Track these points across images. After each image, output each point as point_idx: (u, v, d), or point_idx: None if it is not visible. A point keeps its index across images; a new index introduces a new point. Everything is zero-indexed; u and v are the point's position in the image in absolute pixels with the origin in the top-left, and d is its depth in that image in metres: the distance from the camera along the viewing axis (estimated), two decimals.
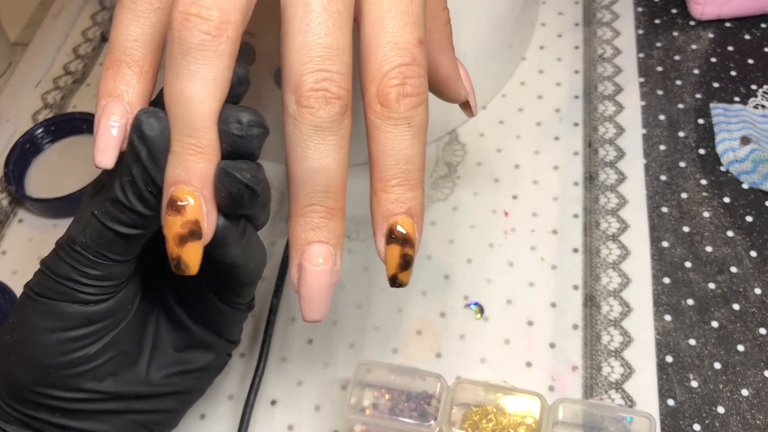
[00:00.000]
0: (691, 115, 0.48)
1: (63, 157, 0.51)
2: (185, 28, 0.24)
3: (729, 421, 0.36)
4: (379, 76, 0.25)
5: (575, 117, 0.49)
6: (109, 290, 0.28)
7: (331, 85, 0.24)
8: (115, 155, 0.26)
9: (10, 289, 0.44)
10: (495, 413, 0.36)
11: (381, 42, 0.25)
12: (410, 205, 0.26)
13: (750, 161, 0.44)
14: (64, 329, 0.28)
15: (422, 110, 0.26)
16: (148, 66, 0.27)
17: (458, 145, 0.49)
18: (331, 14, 0.24)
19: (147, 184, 0.25)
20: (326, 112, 0.24)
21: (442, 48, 0.32)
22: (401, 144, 0.26)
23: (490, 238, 0.44)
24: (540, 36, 0.54)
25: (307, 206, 0.25)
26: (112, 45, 0.26)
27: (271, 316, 0.40)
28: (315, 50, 0.24)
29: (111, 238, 0.27)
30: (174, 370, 0.31)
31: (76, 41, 0.60)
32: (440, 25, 0.31)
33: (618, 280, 0.41)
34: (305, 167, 0.25)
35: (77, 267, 0.27)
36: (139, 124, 0.25)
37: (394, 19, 0.25)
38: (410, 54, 0.25)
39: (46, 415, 0.29)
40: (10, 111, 0.56)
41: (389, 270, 0.27)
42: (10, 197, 0.50)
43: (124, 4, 0.26)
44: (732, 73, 0.49)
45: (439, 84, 0.33)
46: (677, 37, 0.52)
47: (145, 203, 0.26)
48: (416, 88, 0.25)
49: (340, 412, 0.36)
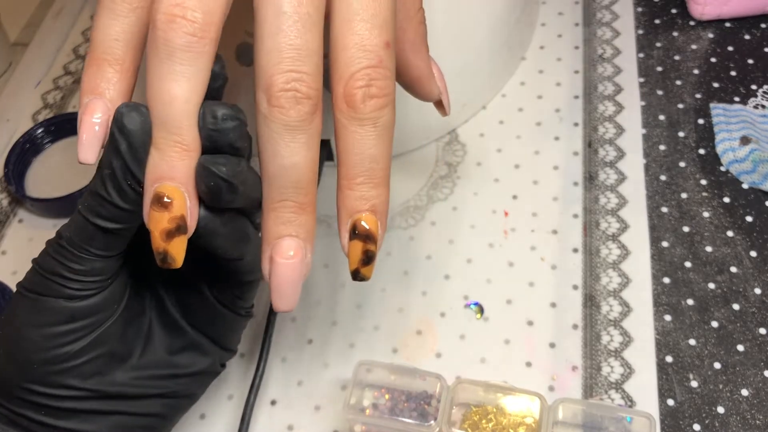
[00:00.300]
0: (691, 115, 0.48)
1: (63, 157, 0.51)
2: (171, 30, 0.24)
3: (729, 422, 0.36)
4: (345, 77, 0.26)
5: (575, 117, 0.49)
6: (93, 286, 0.28)
7: (301, 86, 0.25)
8: (98, 151, 0.27)
9: (10, 290, 0.44)
10: (495, 413, 0.36)
11: (348, 44, 0.26)
12: (374, 203, 0.27)
13: (750, 161, 0.44)
14: (48, 324, 0.28)
15: (388, 111, 0.27)
16: (129, 63, 0.27)
17: (458, 145, 0.49)
18: (301, 16, 0.25)
19: (126, 177, 0.26)
20: (296, 111, 0.25)
21: (415, 48, 0.32)
22: (366, 143, 0.26)
23: (490, 238, 0.44)
24: (540, 36, 0.54)
25: (279, 201, 0.26)
26: (93, 43, 0.27)
27: (271, 316, 0.40)
28: (285, 51, 0.25)
29: (92, 231, 0.27)
30: (163, 372, 0.31)
31: (76, 41, 0.60)
32: (414, 25, 0.32)
33: (618, 280, 0.41)
34: (276, 164, 0.25)
35: (62, 261, 0.28)
36: (120, 117, 0.25)
37: (362, 22, 0.26)
38: (377, 56, 0.26)
39: (32, 413, 0.29)
40: (10, 111, 0.56)
41: (351, 265, 0.28)
42: (10, 197, 0.50)
43: (104, 4, 0.27)
44: (732, 73, 0.49)
45: (412, 83, 0.33)
46: (677, 37, 0.52)
47: (124, 197, 0.26)
48: (382, 89, 0.26)
49: (340, 412, 0.36)
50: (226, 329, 0.33)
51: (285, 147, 0.25)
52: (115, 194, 0.26)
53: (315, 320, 0.42)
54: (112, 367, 0.30)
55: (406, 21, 0.31)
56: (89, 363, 0.29)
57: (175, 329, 0.32)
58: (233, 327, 0.33)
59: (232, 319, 0.32)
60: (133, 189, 0.26)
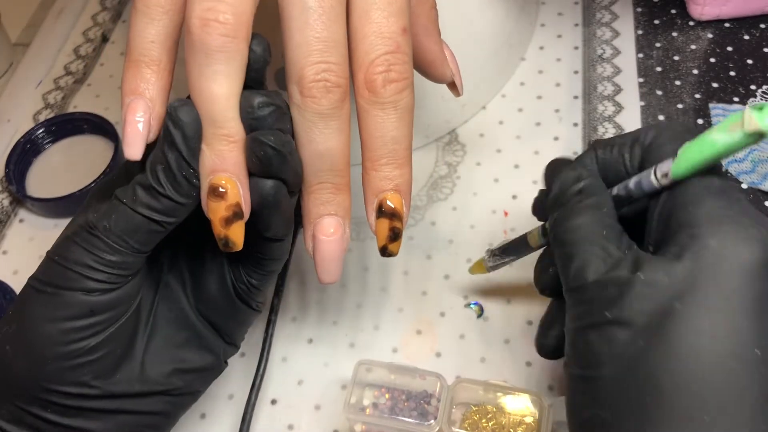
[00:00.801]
0: (691, 115, 0.48)
1: (64, 157, 0.51)
2: (205, 33, 0.26)
3: None
4: (366, 64, 0.27)
5: (575, 117, 0.49)
6: (117, 280, 0.29)
7: (331, 75, 0.27)
8: (143, 147, 0.28)
9: (11, 289, 0.45)
10: (495, 413, 0.36)
11: (367, 32, 0.28)
12: (398, 182, 0.29)
13: (749, 161, 0.45)
14: (65, 319, 0.28)
15: (407, 94, 0.28)
16: (165, 64, 0.29)
17: (458, 145, 0.49)
18: (325, 10, 0.27)
19: (182, 168, 0.27)
20: (328, 100, 0.27)
21: (428, 32, 0.34)
22: (388, 126, 0.28)
23: (490, 238, 0.44)
24: (539, 36, 0.54)
25: (317, 184, 0.28)
26: (130, 47, 0.28)
27: (272, 316, 0.40)
28: (314, 44, 0.27)
29: (138, 224, 0.28)
30: (169, 368, 0.32)
31: (76, 41, 0.60)
32: (426, 10, 0.34)
33: None
34: (312, 150, 0.28)
35: (92, 251, 0.28)
36: (174, 111, 0.27)
37: (379, 10, 0.28)
38: (394, 42, 0.28)
39: (39, 410, 0.29)
40: (11, 111, 0.56)
41: (379, 242, 0.30)
42: (11, 197, 0.50)
43: (137, 8, 0.28)
44: (731, 73, 0.49)
45: (426, 66, 0.35)
46: (676, 38, 0.52)
47: (179, 189, 0.28)
48: (401, 73, 0.28)
49: (341, 412, 0.36)
50: (236, 322, 0.34)
51: (319, 134, 0.27)
52: (170, 187, 0.28)
53: (315, 320, 0.42)
54: (122, 363, 0.30)
55: (418, 6, 0.33)
56: (101, 360, 0.29)
57: (182, 321, 0.33)
58: (243, 320, 0.34)
59: (244, 311, 0.33)
60: (188, 180, 0.28)
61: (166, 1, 0.28)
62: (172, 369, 0.32)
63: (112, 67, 0.58)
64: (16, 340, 0.29)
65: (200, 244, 0.33)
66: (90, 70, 0.58)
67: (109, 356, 0.29)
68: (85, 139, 0.52)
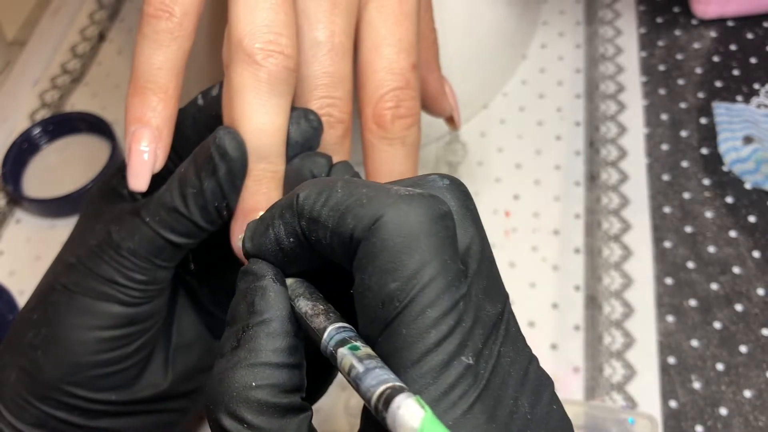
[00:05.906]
0: (694, 114, 0.47)
1: (60, 157, 0.51)
2: (273, 64, 0.25)
3: (732, 423, 0.36)
4: (375, 99, 0.27)
5: (577, 116, 0.48)
6: (152, 293, 0.29)
7: (334, 110, 0.27)
8: (149, 178, 0.27)
9: (7, 291, 0.44)
10: None
11: (377, 67, 0.28)
12: None
13: (753, 161, 0.44)
14: (103, 328, 0.28)
15: (415, 130, 0.28)
16: (172, 91, 0.28)
17: (459, 144, 0.48)
18: (334, 45, 0.27)
19: (216, 199, 0.26)
20: (330, 135, 0.27)
21: (430, 67, 0.34)
22: (395, 161, 0.28)
23: (491, 238, 0.44)
24: (541, 35, 0.53)
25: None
26: (136, 73, 0.27)
27: None
28: (320, 78, 0.27)
29: (162, 245, 0.27)
30: (192, 369, 0.32)
31: (74, 40, 0.60)
32: (428, 45, 0.34)
33: (620, 281, 0.41)
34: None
35: (122, 270, 0.28)
36: (223, 142, 0.26)
37: (390, 46, 0.28)
38: (404, 78, 0.28)
39: (65, 414, 0.29)
40: (7, 110, 0.56)
41: None
42: (7, 197, 0.50)
43: (145, 33, 0.27)
44: (735, 72, 0.49)
45: (426, 100, 0.35)
46: (679, 36, 0.52)
47: (206, 216, 0.27)
48: (410, 109, 0.28)
49: (340, 412, 0.36)
50: None
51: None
52: (197, 213, 0.27)
53: None
54: (147, 368, 0.30)
55: (421, 42, 0.33)
56: (133, 366, 0.29)
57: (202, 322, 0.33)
58: None
59: None
60: (218, 211, 0.27)
61: (175, 27, 0.27)
62: (195, 370, 0.32)
63: (109, 66, 0.58)
64: (49, 345, 0.28)
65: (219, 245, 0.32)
66: (87, 69, 0.57)
67: (140, 363, 0.29)
68: (82, 138, 0.51)
